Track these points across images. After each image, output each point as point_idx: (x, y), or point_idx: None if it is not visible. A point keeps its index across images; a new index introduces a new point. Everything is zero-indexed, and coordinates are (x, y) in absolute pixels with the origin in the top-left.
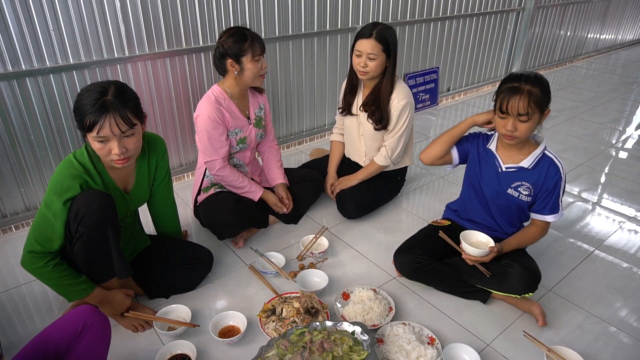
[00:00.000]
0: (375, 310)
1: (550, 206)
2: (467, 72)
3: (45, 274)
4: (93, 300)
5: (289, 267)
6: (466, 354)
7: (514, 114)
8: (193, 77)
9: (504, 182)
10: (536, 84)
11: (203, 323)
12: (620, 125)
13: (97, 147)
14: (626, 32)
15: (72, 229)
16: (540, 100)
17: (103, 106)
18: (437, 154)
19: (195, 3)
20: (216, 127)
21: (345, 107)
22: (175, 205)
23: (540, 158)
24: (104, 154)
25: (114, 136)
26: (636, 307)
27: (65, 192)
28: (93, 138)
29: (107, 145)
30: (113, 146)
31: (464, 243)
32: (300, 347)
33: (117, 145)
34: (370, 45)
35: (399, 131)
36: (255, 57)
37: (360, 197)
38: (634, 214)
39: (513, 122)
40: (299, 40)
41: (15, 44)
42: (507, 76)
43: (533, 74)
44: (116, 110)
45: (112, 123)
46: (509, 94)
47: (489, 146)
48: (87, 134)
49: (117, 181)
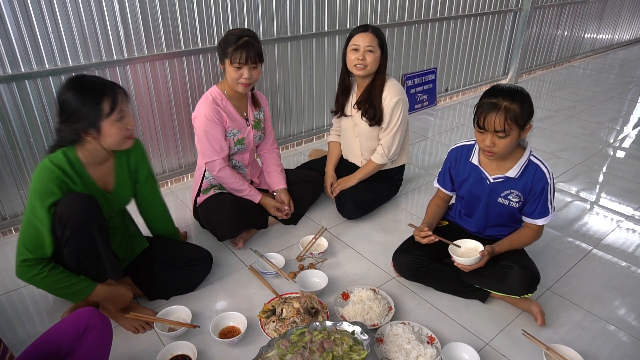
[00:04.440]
0: (374, 310)
1: (539, 210)
2: (465, 72)
3: (42, 280)
4: (98, 296)
5: (289, 267)
6: (465, 353)
7: (491, 130)
8: (192, 78)
9: (493, 193)
10: (515, 100)
11: (203, 324)
12: (618, 124)
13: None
14: (623, 31)
15: (58, 233)
16: (519, 117)
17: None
18: (435, 221)
19: (194, 5)
20: (214, 127)
21: (338, 109)
22: (165, 206)
23: (526, 166)
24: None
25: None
26: (634, 305)
27: (47, 196)
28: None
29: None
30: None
31: (454, 257)
32: (301, 347)
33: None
34: (368, 39)
35: (393, 128)
36: (234, 64)
37: (359, 197)
38: (632, 213)
39: (491, 138)
40: (298, 41)
41: (14, 47)
42: (487, 89)
43: (513, 89)
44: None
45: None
46: (486, 109)
47: (471, 160)
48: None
49: (97, 181)
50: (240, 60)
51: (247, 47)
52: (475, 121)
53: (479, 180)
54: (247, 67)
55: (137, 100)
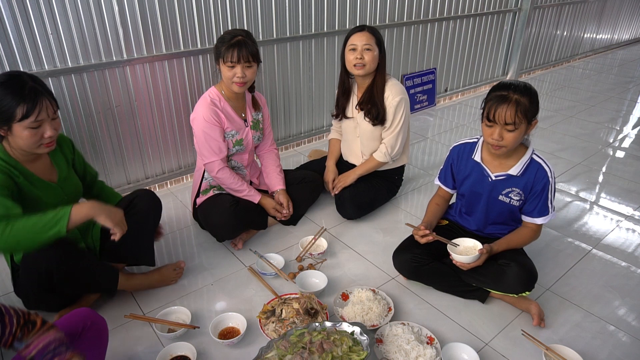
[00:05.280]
0: (374, 310)
1: (538, 209)
2: (465, 72)
3: (11, 232)
4: (79, 215)
5: (288, 268)
6: (465, 353)
7: (500, 122)
8: (191, 79)
9: (494, 190)
10: (525, 93)
11: (203, 325)
12: (617, 124)
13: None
14: (622, 31)
15: (48, 285)
16: (528, 111)
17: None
18: (435, 220)
19: (193, 5)
20: (212, 128)
21: (339, 112)
22: (103, 183)
23: (528, 164)
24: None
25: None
26: (634, 305)
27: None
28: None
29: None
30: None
31: (453, 254)
32: (300, 348)
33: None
34: (365, 37)
35: (396, 128)
36: (227, 62)
37: (358, 197)
38: (631, 213)
39: (500, 131)
40: (297, 42)
41: (13, 48)
42: (496, 84)
43: (522, 84)
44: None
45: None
46: (496, 102)
47: (474, 157)
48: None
49: (38, 174)
50: (232, 59)
51: (240, 45)
52: (483, 114)
53: (481, 178)
54: (240, 66)
55: (137, 101)
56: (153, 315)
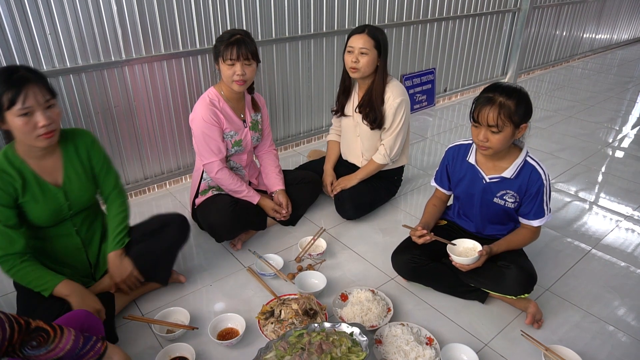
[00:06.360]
0: (373, 311)
1: (534, 211)
2: (464, 72)
3: (16, 274)
4: (62, 292)
5: (287, 268)
6: (464, 354)
7: (484, 124)
8: (190, 79)
9: (489, 193)
10: (511, 96)
11: (202, 325)
12: (617, 124)
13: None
14: (621, 31)
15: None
16: (513, 114)
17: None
18: (432, 221)
19: (191, 6)
20: (211, 129)
21: (338, 109)
22: (123, 205)
23: (522, 166)
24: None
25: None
26: (633, 305)
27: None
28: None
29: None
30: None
31: (453, 256)
32: (299, 349)
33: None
34: (362, 40)
35: (395, 129)
36: (226, 60)
37: (358, 198)
38: (631, 213)
39: (484, 133)
40: (296, 42)
41: (12, 48)
42: (487, 86)
43: (512, 87)
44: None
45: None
46: (481, 103)
47: (468, 159)
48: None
49: (42, 174)
50: (232, 56)
51: (239, 43)
52: (470, 115)
53: (475, 180)
54: (239, 64)
55: (136, 102)
56: (151, 316)
